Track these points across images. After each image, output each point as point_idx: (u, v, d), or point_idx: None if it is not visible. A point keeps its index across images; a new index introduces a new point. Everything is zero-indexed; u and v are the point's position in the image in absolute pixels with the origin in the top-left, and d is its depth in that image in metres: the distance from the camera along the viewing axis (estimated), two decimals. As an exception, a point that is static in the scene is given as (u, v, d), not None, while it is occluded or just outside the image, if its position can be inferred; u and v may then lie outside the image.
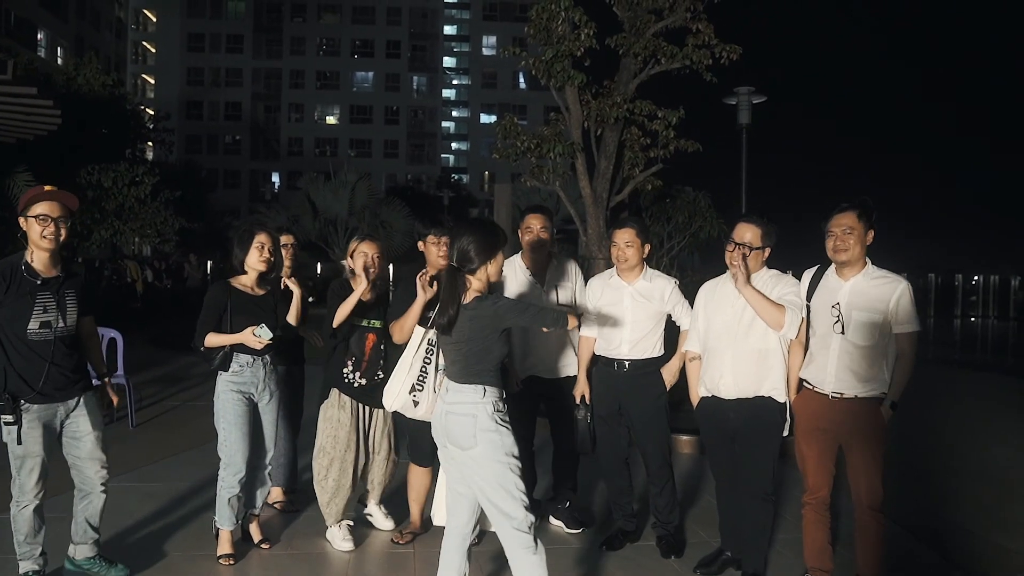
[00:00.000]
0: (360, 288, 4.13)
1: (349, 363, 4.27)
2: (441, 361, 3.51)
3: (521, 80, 67.00)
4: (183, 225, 17.44)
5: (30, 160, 12.14)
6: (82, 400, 3.70)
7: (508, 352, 3.35)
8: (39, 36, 43.38)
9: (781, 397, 3.77)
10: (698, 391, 4.02)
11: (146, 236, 17.97)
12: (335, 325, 4.19)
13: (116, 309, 16.07)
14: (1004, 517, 5.12)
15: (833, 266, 3.67)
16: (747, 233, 3.77)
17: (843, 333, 3.52)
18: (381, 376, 4.31)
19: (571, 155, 8.71)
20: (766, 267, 3.86)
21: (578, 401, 4.38)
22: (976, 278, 34.18)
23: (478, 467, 3.16)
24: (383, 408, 4.33)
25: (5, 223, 15.65)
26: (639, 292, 4.31)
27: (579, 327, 4.24)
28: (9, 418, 3.46)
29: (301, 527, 4.67)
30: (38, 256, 3.54)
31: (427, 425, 4.47)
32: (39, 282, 3.50)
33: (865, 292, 3.53)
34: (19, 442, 3.50)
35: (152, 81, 68.20)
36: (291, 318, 4.27)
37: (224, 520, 4.11)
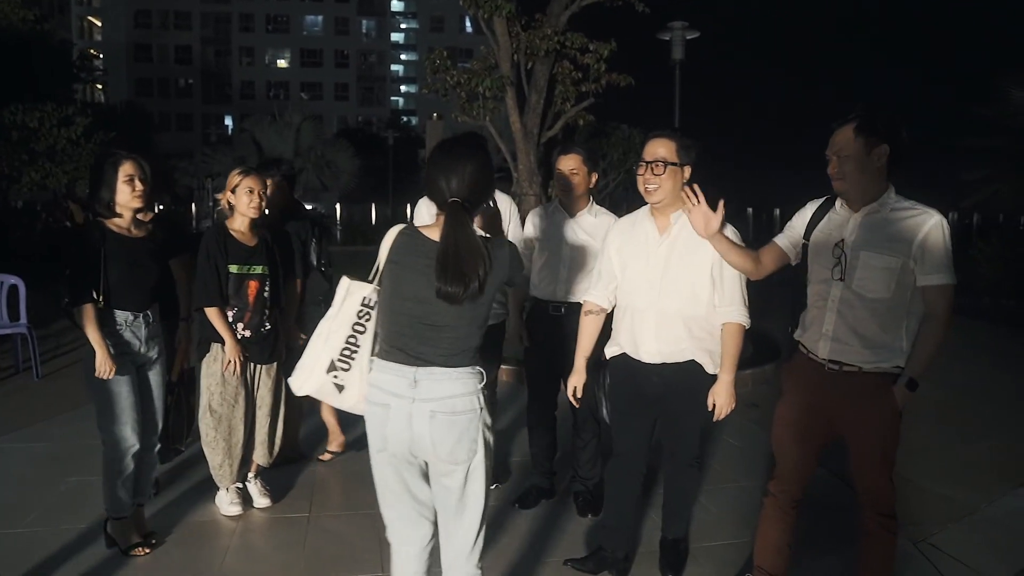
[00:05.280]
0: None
1: (230, 313, 3.59)
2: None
3: (468, 24, 64.91)
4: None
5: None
6: None
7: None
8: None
9: (711, 367, 2.94)
10: (587, 348, 3.12)
11: (82, 178, 16.67)
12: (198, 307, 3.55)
13: (54, 253, 14.98)
14: (949, 465, 4.58)
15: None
16: (659, 148, 2.85)
17: (842, 280, 2.58)
18: (268, 328, 3.67)
19: (500, 89, 8.04)
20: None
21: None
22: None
23: (470, 481, 2.21)
24: (267, 364, 3.73)
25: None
26: (581, 227, 3.65)
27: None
28: None
29: (191, 495, 4.02)
30: None
31: None
32: None
33: (880, 228, 2.54)
34: None
35: (99, 24, 64.37)
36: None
37: (121, 507, 3.31)
